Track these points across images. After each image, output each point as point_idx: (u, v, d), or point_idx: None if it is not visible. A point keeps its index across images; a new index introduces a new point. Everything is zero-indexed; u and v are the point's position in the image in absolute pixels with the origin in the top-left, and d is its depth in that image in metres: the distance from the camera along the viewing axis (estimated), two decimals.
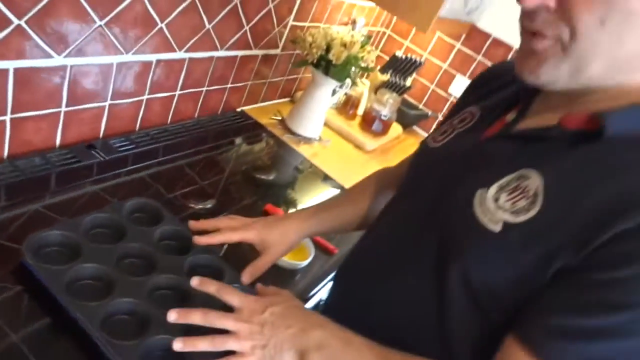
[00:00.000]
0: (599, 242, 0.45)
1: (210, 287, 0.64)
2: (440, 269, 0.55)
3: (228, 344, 0.58)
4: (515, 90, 0.64)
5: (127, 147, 1.11)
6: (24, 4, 0.74)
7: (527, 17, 0.50)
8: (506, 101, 0.64)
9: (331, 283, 0.82)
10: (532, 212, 0.49)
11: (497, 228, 0.51)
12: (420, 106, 2.14)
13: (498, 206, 0.52)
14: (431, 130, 0.76)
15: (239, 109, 1.53)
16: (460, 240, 0.54)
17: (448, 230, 0.57)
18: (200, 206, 1.06)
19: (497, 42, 1.92)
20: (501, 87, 0.68)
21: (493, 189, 0.53)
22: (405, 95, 2.10)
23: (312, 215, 0.82)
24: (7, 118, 0.84)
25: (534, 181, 0.51)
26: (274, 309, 0.61)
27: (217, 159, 1.29)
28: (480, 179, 0.55)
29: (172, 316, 0.60)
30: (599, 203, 0.46)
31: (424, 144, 0.73)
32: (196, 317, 0.60)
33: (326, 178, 1.44)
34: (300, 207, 1.25)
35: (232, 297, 0.63)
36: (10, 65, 0.78)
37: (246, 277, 0.76)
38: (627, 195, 0.46)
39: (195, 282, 0.65)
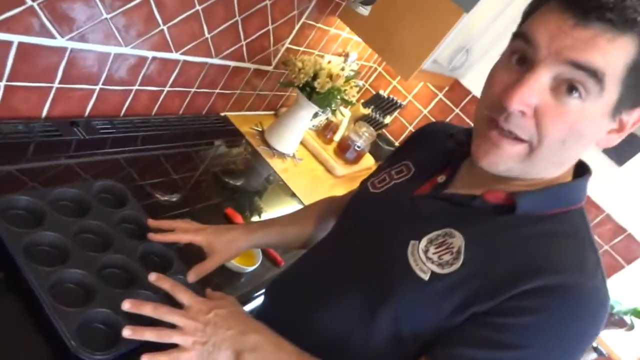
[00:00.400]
0: (504, 297, 0.55)
1: (165, 283, 0.71)
2: (372, 305, 0.62)
3: (173, 337, 0.64)
4: (446, 151, 0.73)
5: (108, 130, 1.18)
6: None
7: (501, 114, 0.56)
8: (438, 161, 0.73)
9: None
10: (455, 267, 0.59)
11: (426, 277, 0.60)
12: (396, 143, 2.26)
13: (427, 257, 0.61)
14: (372, 173, 0.85)
15: (222, 114, 1.61)
16: (395, 284, 0.62)
17: (383, 273, 0.64)
18: (166, 198, 1.13)
19: (475, 100, 2.06)
20: (435, 145, 0.77)
21: (424, 242, 0.62)
22: (384, 130, 2.22)
23: (259, 229, 0.90)
24: (2, 84, 0.91)
25: (458, 240, 0.60)
26: (219, 311, 0.67)
27: (193, 156, 1.36)
28: (413, 231, 0.64)
29: (126, 305, 0.66)
30: (507, 266, 0.57)
31: (364, 186, 0.81)
32: (147, 309, 0.66)
33: (293, 195, 1.53)
34: (262, 216, 1.33)
35: (183, 295, 0.69)
36: (15, 39, 0.85)
37: (191, 276, 0.82)
38: (528, 263, 0.57)
39: (152, 277, 0.71)
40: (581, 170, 0.65)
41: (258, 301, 1.08)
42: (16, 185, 0.89)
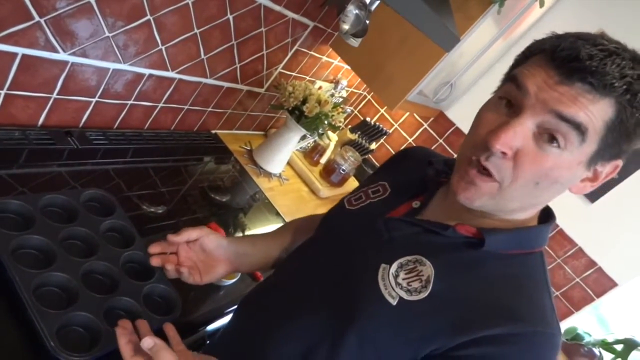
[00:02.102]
0: (464, 339, 0.56)
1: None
2: (339, 325, 0.63)
3: None
4: (423, 177, 0.75)
5: (101, 141, 1.22)
6: (48, 5, 0.87)
7: (483, 153, 0.59)
8: (414, 186, 0.75)
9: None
10: (423, 295, 0.60)
11: (394, 302, 0.60)
12: None
13: (397, 282, 0.62)
14: (351, 191, 0.86)
15: (213, 131, 1.66)
16: (363, 306, 0.62)
17: (352, 294, 0.64)
18: (152, 210, 1.16)
19: (458, 132, 2.15)
20: (414, 170, 0.78)
21: (394, 266, 0.63)
22: (370, 156, 2.29)
23: (236, 246, 0.90)
24: (2, 92, 0.95)
25: (428, 269, 0.62)
26: None
27: (182, 171, 1.40)
28: (384, 255, 0.65)
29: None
30: (471, 306, 0.59)
31: (341, 202, 0.82)
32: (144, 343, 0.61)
33: (277, 214, 1.57)
34: (245, 232, 1.37)
35: None
36: (20, 51, 0.90)
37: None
38: (491, 307, 0.58)
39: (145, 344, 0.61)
40: (545, 215, 0.68)
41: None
42: (7, 190, 0.93)
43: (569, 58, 0.54)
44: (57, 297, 0.78)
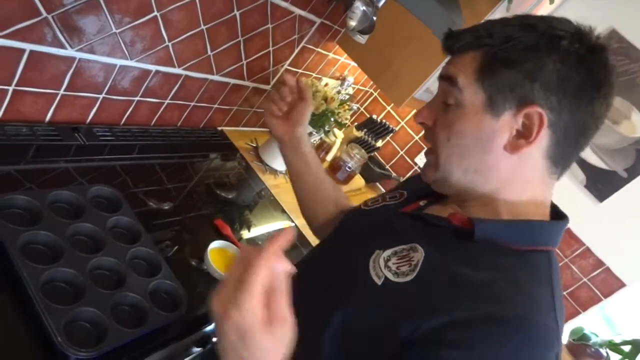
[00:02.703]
0: (442, 319, 0.54)
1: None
2: (326, 304, 0.63)
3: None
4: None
5: (108, 137, 1.23)
6: (55, 1, 0.87)
7: (424, 135, 0.68)
8: (426, 194, 0.77)
9: None
10: (409, 278, 0.60)
11: (379, 282, 0.61)
12: (387, 166, 2.32)
13: (387, 266, 0.63)
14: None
15: (219, 128, 1.66)
16: (349, 286, 0.65)
17: (343, 277, 0.67)
18: (158, 206, 1.16)
19: None
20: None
21: (388, 252, 0.65)
22: (376, 153, 2.28)
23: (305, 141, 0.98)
24: (11, 88, 0.95)
25: (418, 255, 0.62)
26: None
27: (188, 167, 1.40)
28: (381, 243, 0.67)
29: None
30: (455, 287, 0.57)
31: (360, 204, 0.87)
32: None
33: (283, 211, 1.57)
34: (251, 230, 1.37)
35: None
36: (28, 47, 0.90)
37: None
38: (476, 290, 0.56)
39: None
40: (557, 216, 0.67)
41: None
42: (15, 185, 0.93)
43: (445, 37, 0.66)
44: (64, 293, 0.79)
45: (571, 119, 0.59)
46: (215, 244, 1.11)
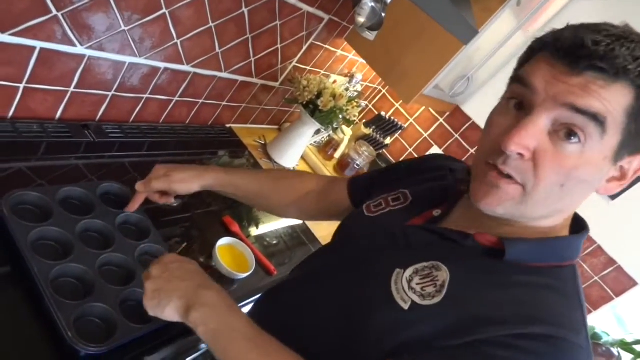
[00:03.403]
0: (469, 338, 0.52)
1: None
2: (348, 327, 0.61)
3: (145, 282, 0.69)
4: (445, 186, 0.73)
5: (117, 135, 1.23)
6: None
7: (499, 157, 0.56)
8: (436, 195, 0.73)
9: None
10: (437, 299, 0.57)
11: (406, 306, 0.58)
12: None
13: (410, 287, 0.59)
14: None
15: (228, 125, 1.66)
16: (373, 309, 0.60)
17: (364, 296, 0.63)
18: (167, 203, 1.17)
19: (474, 127, 2.12)
20: (436, 179, 0.77)
21: (409, 271, 0.61)
22: (384, 151, 2.27)
23: (212, 172, 0.94)
24: (21, 86, 0.96)
25: (443, 274, 0.59)
26: (180, 264, 0.69)
27: (197, 164, 1.41)
28: (400, 260, 0.63)
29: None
30: (485, 307, 0.55)
31: (359, 209, 0.80)
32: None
33: None
34: (259, 226, 1.37)
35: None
36: (38, 44, 0.91)
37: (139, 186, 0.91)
38: (515, 309, 0.54)
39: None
40: (578, 226, 0.64)
41: (246, 308, 1.12)
42: (27, 182, 0.94)
43: (573, 47, 0.52)
44: (74, 288, 0.79)
45: None
46: (223, 241, 1.12)
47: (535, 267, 0.59)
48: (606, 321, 1.99)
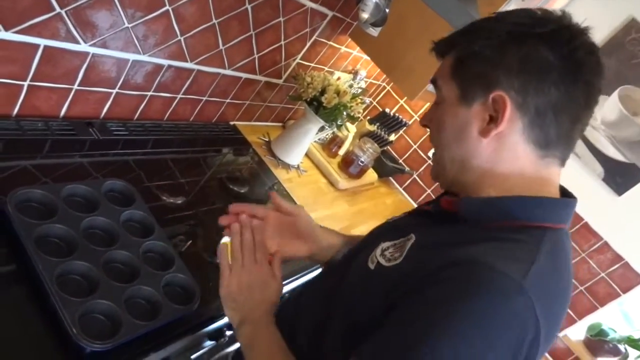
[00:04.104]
0: (411, 287, 0.57)
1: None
2: (331, 292, 0.72)
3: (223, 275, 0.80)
4: None
5: (121, 132, 1.23)
6: None
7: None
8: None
9: None
10: (397, 262, 0.63)
11: (372, 266, 0.67)
12: (400, 161, 2.30)
13: (382, 254, 0.67)
14: None
15: (232, 123, 1.66)
16: (350, 274, 0.71)
17: (345, 269, 0.73)
18: (171, 200, 1.17)
19: None
20: None
21: (387, 244, 0.69)
22: (388, 147, 2.26)
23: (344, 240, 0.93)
24: (26, 84, 0.97)
25: (410, 242, 0.65)
26: (251, 291, 0.78)
27: (201, 162, 1.41)
28: (385, 237, 0.70)
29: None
30: (427, 263, 0.58)
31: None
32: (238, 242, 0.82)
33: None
34: None
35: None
36: (42, 42, 0.91)
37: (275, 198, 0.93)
38: (444, 256, 0.57)
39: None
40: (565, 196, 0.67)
41: None
42: (31, 179, 0.94)
43: (433, 45, 0.71)
44: (79, 285, 0.80)
45: (540, 99, 0.60)
46: (228, 239, 1.11)
47: (493, 227, 0.61)
48: (613, 318, 1.98)
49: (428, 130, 0.73)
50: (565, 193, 0.68)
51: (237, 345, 1.11)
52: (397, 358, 0.52)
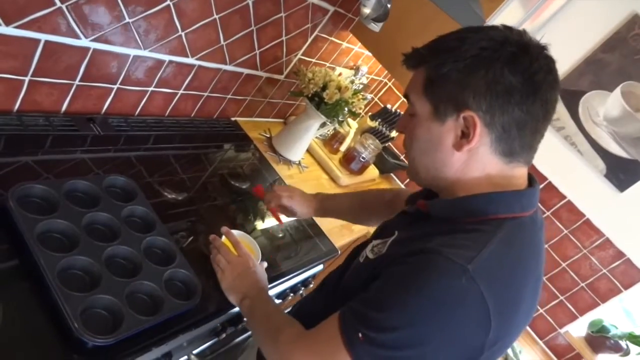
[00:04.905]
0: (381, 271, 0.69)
1: (231, 237, 1.07)
2: (334, 284, 0.86)
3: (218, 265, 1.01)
4: None
5: (123, 128, 1.23)
6: None
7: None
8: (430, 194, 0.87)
9: None
10: (380, 254, 0.75)
11: (361, 260, 0.80)
12: (402, 157, 2.29)
13: (372, 250, 0.79)
14: None
15: (233, 119, 1.66)
16: (346, 267, 0.86)
17: (347, 267, 0.86)
18: (173, 196, 1.17)
19: None
20: None
21: (377, 241, 0.80)
22: (390, 144, 2.26)
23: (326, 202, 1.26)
24: (27, 79, 0.96)
25: (392, 237, 0.77)
26: (244, 271, 1.00)
27: (202, 158, 1.41)
28: (378, 236, 0.82)
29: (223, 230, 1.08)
30: (403, 248, 0.71)
31: None
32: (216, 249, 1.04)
33: None
34: (265, 220, 1.37)
35: (239, 251, 1.05)
36: (43, 37, 0.91)
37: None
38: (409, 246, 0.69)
39: (224, 230, 1.08)
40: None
41: None
42: (33, 175, 0.94)
43: (404, 57, 0.74)
44: (81, 280, 0.80)
45: (505, 118, 0.66)
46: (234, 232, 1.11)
47: (461, 222, 0.70)
48: (614, 314, 1.98)
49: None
50: (531, 182, 0.75)
51: (238, 339, 1.12)
52: (364, 309, 0.66)
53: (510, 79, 0.64)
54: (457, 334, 0.62)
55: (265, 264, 1.10)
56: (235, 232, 1.13)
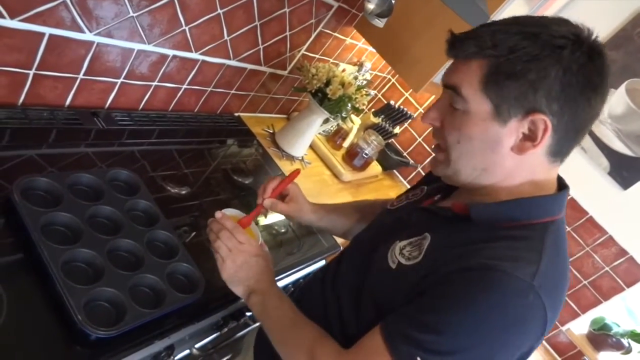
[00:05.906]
0: (430, 280, 0.65)
1: (227, 223, 0.90)
2: (355, 287, 0.79)
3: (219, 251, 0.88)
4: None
5: (126, 122, 1.24)
6: None
7: (432, 133, 0.75)
8: (443, 186, 0.84)
9: None
10: (417, 260, 0.70)
11: (394, 266, 0.73)
12: (405, 154, 2.29)
13: (401, 253, 0.73)
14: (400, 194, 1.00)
15: (236, 114, 1.66)
16: (371, 271, 0.78)
17: (369, 264, 0.79)
18: (176, 190, 1.17)
19: None
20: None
21: (404, 242, 0.75)
22: (393, 140, 2.26)
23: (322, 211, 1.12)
24: (31, 72, 0.97)
25: (426, 241, 0.72)
26: (246, 258, 0.88)
27: (205, 153, 1.41)
28: (400, 235, 0.77)
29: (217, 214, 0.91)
30: (446, 257, 0.66)
31: (388, 205, 0.95)
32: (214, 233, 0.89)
33: None
34: (267, 216, 1.37)
35: (239, 236, 0.90)
36: (48, 31, 0.91)
37: (267, 202, 1.04)
38: (460, 253, 0.66)
39: (218, 214, 0.91)
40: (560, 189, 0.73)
41: None
42: (37, 168, 0.95)
43: (449, 42, 0.68)
44: (84, 273, 0.80)
45: (572, 121, 0.64)
46: (229, 211, 1.08)
47: (501, 226, 0.67)
48: (617, 312, 1.98)
49: (436, 127, 0.73)
50: (560, 184, 0.74)
51: (240, 333, 1.12)
52: (419, 333, 0.62)
53: (585, 80, 0.61)
54: (519, 347, 0.63)
55: (266, 247, 1.04)
56: (232, 210, 1.11)
